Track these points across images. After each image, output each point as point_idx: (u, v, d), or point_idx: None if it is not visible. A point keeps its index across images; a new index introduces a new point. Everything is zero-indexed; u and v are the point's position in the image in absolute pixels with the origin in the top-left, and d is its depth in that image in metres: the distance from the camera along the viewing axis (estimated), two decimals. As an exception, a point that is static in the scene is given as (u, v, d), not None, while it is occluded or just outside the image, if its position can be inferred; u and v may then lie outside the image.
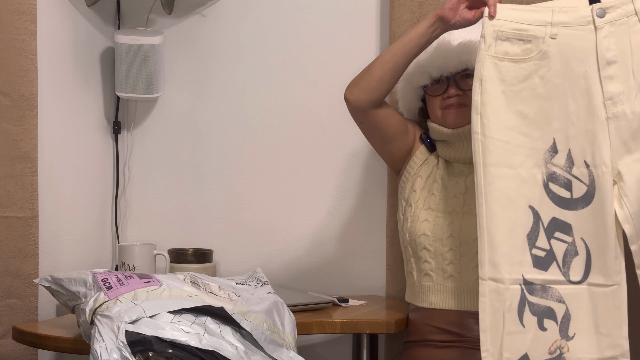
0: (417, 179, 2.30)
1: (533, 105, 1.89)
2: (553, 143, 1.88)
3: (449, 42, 2.19)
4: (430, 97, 2.26)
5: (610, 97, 1.86)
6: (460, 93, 2.20)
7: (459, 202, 2.21)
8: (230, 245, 2.73)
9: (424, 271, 2.24)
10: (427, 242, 2.21)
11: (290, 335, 2.10)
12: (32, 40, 2.30)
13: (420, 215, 2.23)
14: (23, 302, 2.30)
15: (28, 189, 2.31)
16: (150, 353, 1.81)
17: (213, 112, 2.75)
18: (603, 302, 1.84)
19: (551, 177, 1.87)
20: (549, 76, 1.88)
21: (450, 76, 2.21)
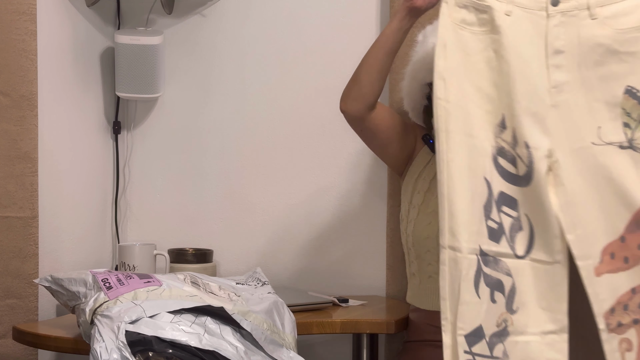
0: (420, 181, 2.29)
1: (487, 78, 1.88)
2: (502, 118, 1.87)
3: None
4: None
5: (555, 85, 1.85)
6: None
7: None
8: (230, 245, 2.73)
9: (427, 273, 2.24)
10: (432, 245, 2.21)
11: (290, 335, 2.10)
12: (32, 40, 2.30)
13: (425, 219, 2.23)
14: (23, 302, 2.30)
15: (28, 189, 2.31)
16: (150, 353, 1.81)
17: (213, 112, 2.75)
18: (544, 278, 1.83)
19: (500, 152, 1.86)
20: (501, 52, 1.87)
21: None
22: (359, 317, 2.31)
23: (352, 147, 2.66)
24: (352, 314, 2.35)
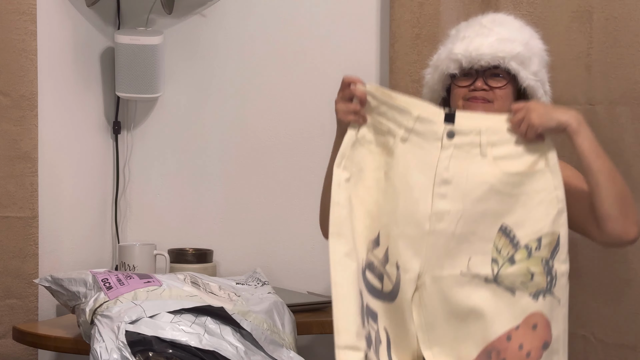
0: None
1: (372, 195, 1.96)
2: (377, 236, 1.94)
3: (486, 35, 2.16)
4: (456, 87, 2.23)
5: (436, 213, 1.92)
6: (486, 88, 2.19)
7: None
8: (230, 245, 2.73)
9: None
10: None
11: (290, 335, 2.10)
12: (32, 40, 2.30)
13: None
14: (23, 302, 2.30)
15: (28, 189, 2.31)
16: (150, 353, 1.81)
17: (213, 112, 2.75)
18: None
19: (369, 266, 1.93)
20: (390, 174, 1.95)
21: (480, 70, 2.19)
22: (359, 317, 2.31)
23: (352, 147, 2.66)
24: (352, 314, 2.34)
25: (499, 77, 2.16)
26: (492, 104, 2.16)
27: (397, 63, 2.52)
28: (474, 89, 2.17)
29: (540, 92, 2.20)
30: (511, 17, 2.26)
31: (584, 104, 2.39)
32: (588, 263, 2.37)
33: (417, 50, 2.50)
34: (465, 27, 2.23)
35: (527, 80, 2.17)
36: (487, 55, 2.14)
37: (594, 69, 2.39)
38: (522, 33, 2.21)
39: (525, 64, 2.16)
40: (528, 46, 2.17)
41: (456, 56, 2.16)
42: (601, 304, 2.37)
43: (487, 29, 2.17)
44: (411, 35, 2.50)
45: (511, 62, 2.15)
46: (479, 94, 2.17)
